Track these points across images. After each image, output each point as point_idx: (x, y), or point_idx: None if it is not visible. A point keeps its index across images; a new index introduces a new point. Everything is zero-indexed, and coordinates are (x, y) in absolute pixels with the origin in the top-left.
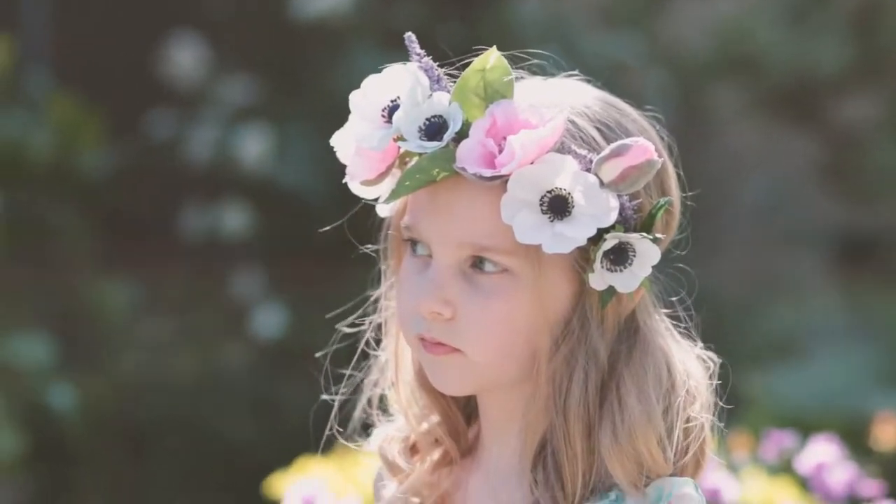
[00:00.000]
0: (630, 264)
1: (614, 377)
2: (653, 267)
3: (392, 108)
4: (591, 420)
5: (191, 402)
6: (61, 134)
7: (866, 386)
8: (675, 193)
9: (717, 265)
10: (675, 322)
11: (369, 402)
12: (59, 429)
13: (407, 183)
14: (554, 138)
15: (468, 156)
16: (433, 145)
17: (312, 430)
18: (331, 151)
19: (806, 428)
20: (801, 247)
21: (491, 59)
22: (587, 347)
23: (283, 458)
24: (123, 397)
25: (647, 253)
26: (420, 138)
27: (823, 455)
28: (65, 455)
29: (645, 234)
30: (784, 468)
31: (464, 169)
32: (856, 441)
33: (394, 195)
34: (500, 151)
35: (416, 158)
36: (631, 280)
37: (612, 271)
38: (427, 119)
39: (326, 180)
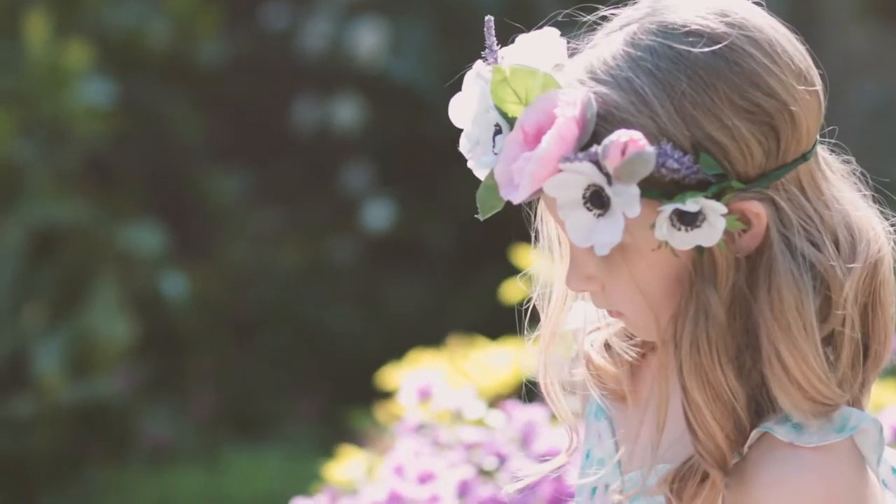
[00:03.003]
0: (703, 218)
1: (755, 319)
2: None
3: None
4: (708, 372)
5: (298, 293)
6: (178, 23)
7: None
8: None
9: None
10: None
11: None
12: (170, 317)
13: (485, 207)
14: (565, 145)
15: (500, 179)
16: (486, 163)
17: (423, 325)
18: (444, 46)
19: None
20: None
21: (505, 70)
22: (697, 303)
23: (389, 352)
24: (233, 287)
25: (711, 204)
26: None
27: None
28: (175, 343)
29: (693, 193)
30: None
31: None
32: None
33: (482, 213)
34: None
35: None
36: (712, 233)
37: (688, 231)
38: (496, 125)
39: (439, 75)
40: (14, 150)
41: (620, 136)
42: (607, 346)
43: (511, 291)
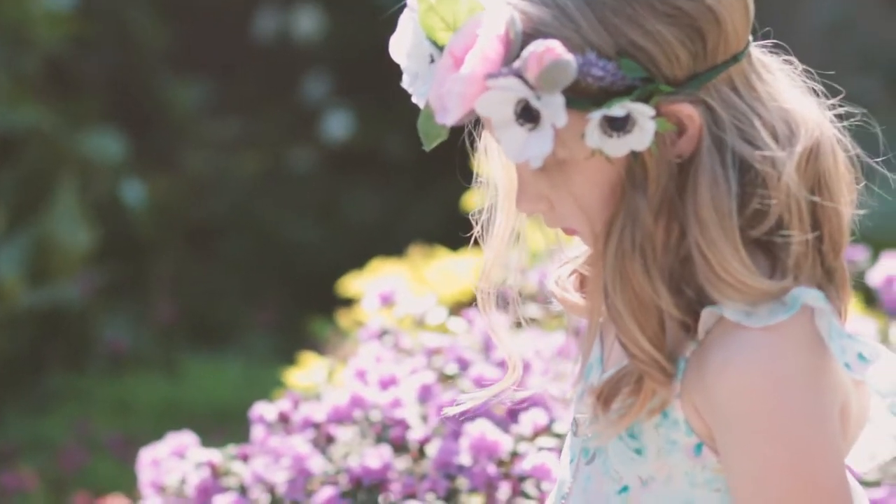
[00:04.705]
0: (633, 122)
1: (684, 219)
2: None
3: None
4: (631, 277)
5: (257, 202)
6: None
7: None
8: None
9: None
10: None
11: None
12: (130, 224)
13: (429, 136)
14: (489, 64)
15: (434, 105)
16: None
17: (381, 234)
18: None
19: (877, 245)
20: (869, 70)
21: None
22: (626, 209)
23: (347, 260)
24: (192, 195)
25: (638, 108)
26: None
27: (893, 269)
28: (134, 250)
29: (619, 99)
30: (855, 283)
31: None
32: None
33: (427, 144)
34: None
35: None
36: (643, 136)
37: (619, 137)
38: (430, 55)
39: None
40: None
41: (537, 46)
42: (580, 277)
43: (470, 201)
